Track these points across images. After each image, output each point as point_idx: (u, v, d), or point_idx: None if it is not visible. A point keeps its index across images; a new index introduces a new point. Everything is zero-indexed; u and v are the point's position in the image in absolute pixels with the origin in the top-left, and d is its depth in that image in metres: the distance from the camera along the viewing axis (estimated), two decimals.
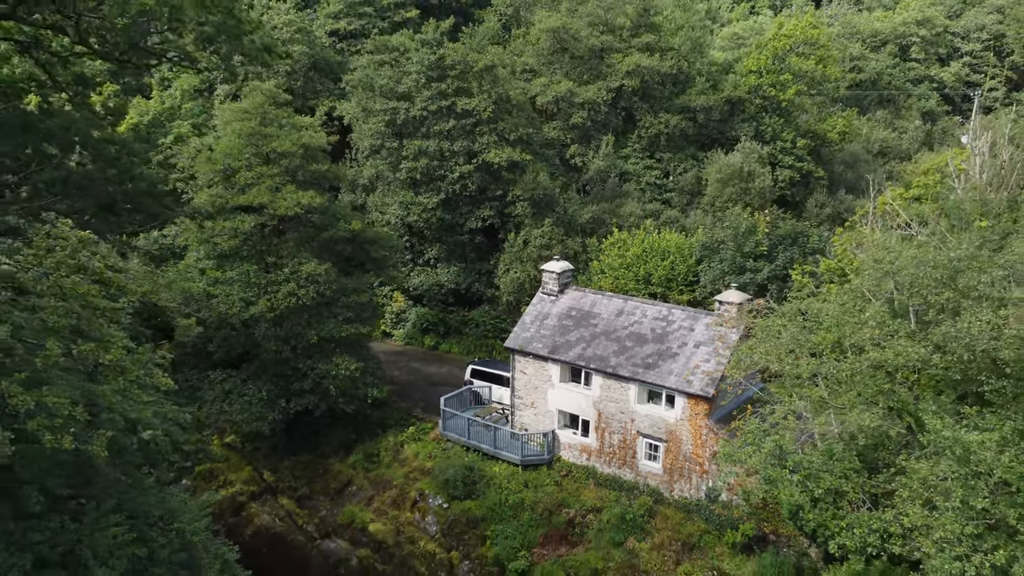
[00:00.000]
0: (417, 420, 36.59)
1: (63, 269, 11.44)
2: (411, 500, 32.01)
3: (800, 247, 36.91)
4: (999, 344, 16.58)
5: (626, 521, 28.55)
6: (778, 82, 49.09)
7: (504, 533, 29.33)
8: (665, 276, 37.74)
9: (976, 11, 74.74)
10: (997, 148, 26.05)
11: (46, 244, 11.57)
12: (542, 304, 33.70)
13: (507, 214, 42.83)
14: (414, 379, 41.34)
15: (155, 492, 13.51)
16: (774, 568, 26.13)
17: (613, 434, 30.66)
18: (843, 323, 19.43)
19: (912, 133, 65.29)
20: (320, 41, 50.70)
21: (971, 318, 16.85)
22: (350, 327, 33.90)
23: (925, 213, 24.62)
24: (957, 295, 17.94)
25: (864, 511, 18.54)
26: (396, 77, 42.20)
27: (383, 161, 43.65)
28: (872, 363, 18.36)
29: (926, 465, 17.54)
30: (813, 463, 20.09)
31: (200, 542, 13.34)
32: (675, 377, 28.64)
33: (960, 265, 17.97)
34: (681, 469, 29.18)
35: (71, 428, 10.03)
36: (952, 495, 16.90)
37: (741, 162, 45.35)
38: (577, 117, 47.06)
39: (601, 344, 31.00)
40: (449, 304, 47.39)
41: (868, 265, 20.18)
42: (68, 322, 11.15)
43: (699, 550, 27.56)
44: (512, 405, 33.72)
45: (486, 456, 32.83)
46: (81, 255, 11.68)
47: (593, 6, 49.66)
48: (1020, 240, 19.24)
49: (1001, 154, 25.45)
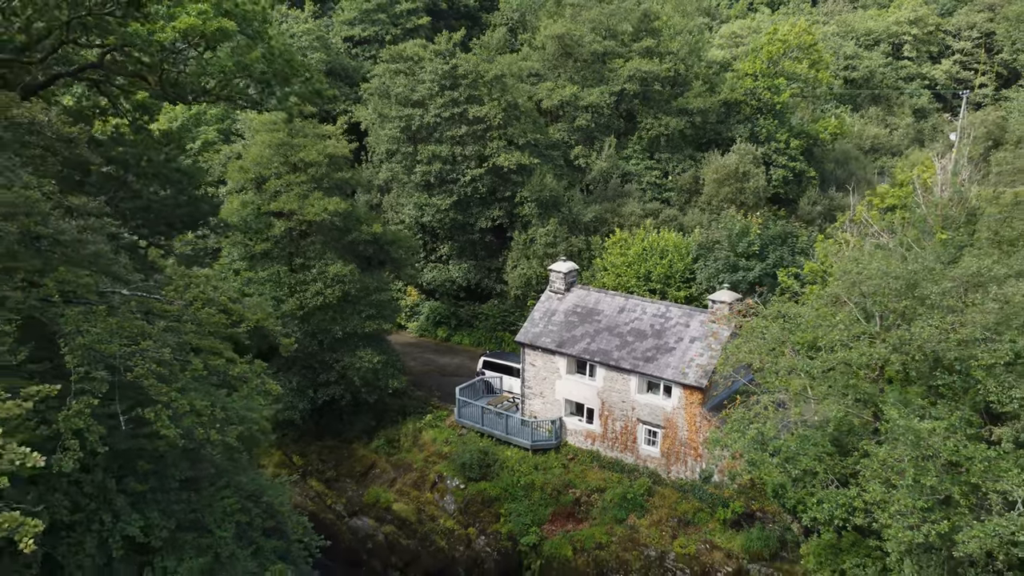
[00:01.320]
0: (434, 408, 39.48)
1: (198, 302, 14.27)
2: (430, 481, 34.97)
3: (789, 247, 39.63)
4: (945, 346, 19.36)
5: (627, 500, 31.50)
6: (772, 85, 51.59)
7: (516, 511, 32.29)
8: (664, 274, 40.48)
9: (968, 9, 76.89)
10: (958, 167, 28.69)
11: (184, 282, 14.41)
12: (549, 301, 36.50)
13: (515, 214, 45.54)
14: (429, 369, 44.20)
15: (249, 473, 16.39)
16: (760, 541, 29.10)
17: (615, 421, 33.55)
18: (817, 325, 22.23)
19: (903, 130, 67.79)
20: (336, 47, 53.15)
21: (923, 324, 19.62)
22: (372, 323, 36.73)
23: (895, 224, 27.25)
24: (914, 303, 20.69)
25: (833, 489, 21.40)
26: (411, 85, 44.74)
27: (398, 164, 46.30)
28: (841, 361, 21.16)
29: (885, 449, 20.35)
30: (791, 447, 22.96)
31: (284, 512, 16.29)
32: (672, 370, 31.49)
33: (917, 277, 20.71)
34: (677, 453, 32.09)
35: (215, 424, 12.92)
36: (906, 475, 19.72)
37: (736, 163, 47.96)
38: (581, 120, 49.60)
39: (604, 339, 33.82)
40: (460, 298, 50.15)
41: (839, 274, 22.94)
42: (205, 343, 14.01)
43: (693, 526, 30.49)
44: (522, 394, 36.59)
45: (499, 441, 35.74)
46: (208, 289, 14.50)
47: (596, 12, 52.05)
48: (971, 255, 21.92)
49: (961, 172, 28.10)
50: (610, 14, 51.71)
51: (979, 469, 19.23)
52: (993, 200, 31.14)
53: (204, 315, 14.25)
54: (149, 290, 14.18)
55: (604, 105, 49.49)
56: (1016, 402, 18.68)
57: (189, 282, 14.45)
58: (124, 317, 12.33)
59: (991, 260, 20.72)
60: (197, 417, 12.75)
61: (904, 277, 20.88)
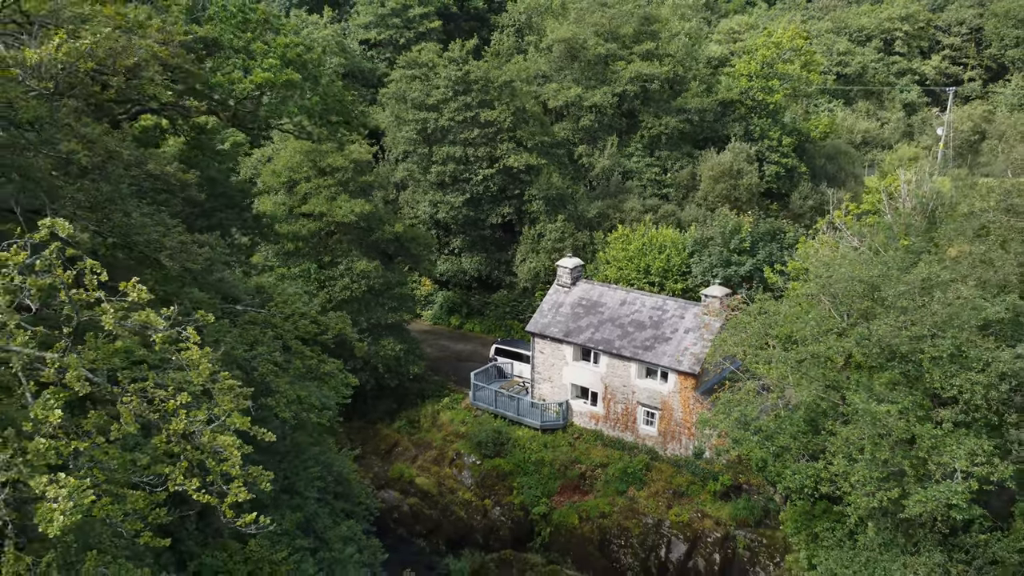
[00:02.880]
0: (450, 391, 42.99)
1: (296, 315, 17.65)
2: (449, 458, 38.56)
3: (778, 243, 42.90)
4: (899, 341, 22.71)
5: (628, 474, 35.07)
6: (766, 86, 54.56)
7: (528, 484, 35.89)
8: (662, 267, 43.78)
9: (958, 4, 79.50)
10: (921, 180, 31.86)
11: (283, 299, 17.79)
12: (557, 294, 39.89)
13: (524, 211, 48.80)
14: (444, 355, 47.67)
15: (322, 446, 19.87)
16: (746, 510, 32.71)
17: (617, 404, 37.04)
18: (792, 322, 25.60)
19: (893, 124, 70.76)
20: (353, 50, 56.15)
21: (880, 322, 22.98)
22: (394, 315, 40.20)
23: (864, 231, 30.46)
24: (874, 303, 24.03)
25: (803, 462, 24.89)
26: (426, 90, 47.81)
27: (414, 164, 49.51)
28: (811, 353, 24.55)
29: (848, 429, 23.80)
30: (770, 427, 26.46)
31: (351, 479, 19.77)
32: (668, 358, 34.93)
33: (877, 281, 24.02)
34: (673, 432, 35.61)
35: (314, 410, 16.37)
36: (865, 450, 23.18)
37: (731, 161, 51.05)
38: (585, 119, 52.66)
39: (607, 329, 37.24)
40: (471, 288, 53.52)
41: (813, 276, 26.28)
42: (301, 348, 17.39)
43: (687, 497, 34.08)
44: (532, 379, 40.08)
45: (511, 422, 39.28)
46: (300, 304, 17.90)
47: (599, 16, 54.90)
48: (927, 262, 25.19)
49: (923, 186, 31.26)
50: (612, 17, 54.54)
51: (927, 445, 22.71)
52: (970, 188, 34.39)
53: (301, 325, 17.70)
54: (257, 306, 17.54)
55: (607, 105, 52.43)
56: (956, 388, 22.07)
57: (286, 299, 17.85)
58: (244, 328, 15.67)
59: (940, 267, 24.03)
60: (300, 404, 16.14)
61: (867, 281, 24.23)
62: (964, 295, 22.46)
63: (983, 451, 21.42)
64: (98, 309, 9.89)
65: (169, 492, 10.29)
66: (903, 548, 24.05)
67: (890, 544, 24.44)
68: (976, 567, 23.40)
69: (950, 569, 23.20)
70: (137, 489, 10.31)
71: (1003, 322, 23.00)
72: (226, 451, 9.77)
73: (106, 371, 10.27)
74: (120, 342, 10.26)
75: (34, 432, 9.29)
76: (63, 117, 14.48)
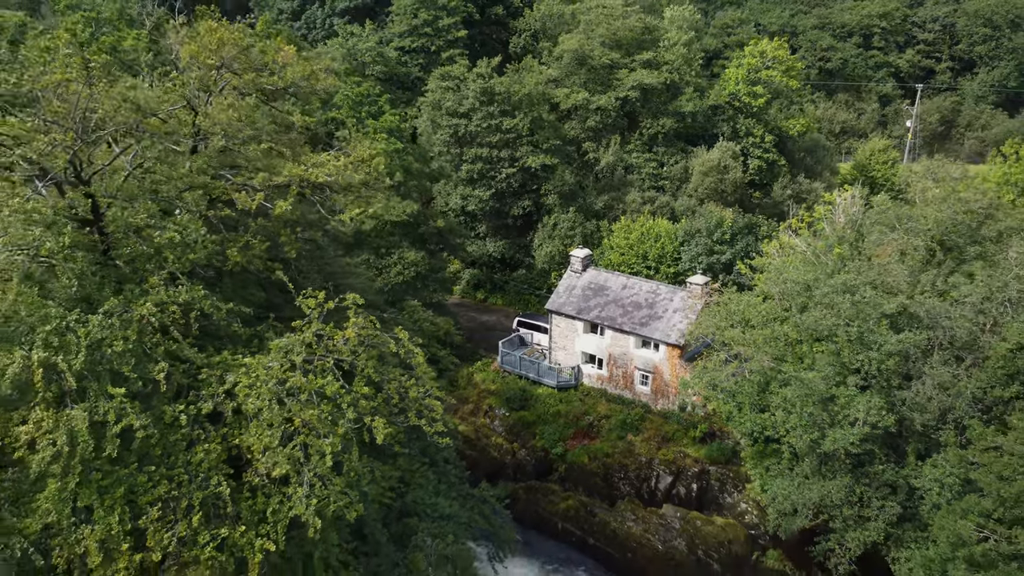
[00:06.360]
0: (481, 357, 52.23)
1: (420, 319, 26.47)
2: (483, 411, 47.96)
3: (754, 235, 51.67)
4: (823, 327, 31.71)
5: (626, 424, 44.49)
6: (751, 91, 62.59)
7: (548, 432, 45.33)
8: (658, 254, 52.63)
9: (933, 1, 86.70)
10: (853, 201, 40.37)
11: (410, 308, 26.59)
12: (570, 279, 48.84)
13: (541, 203, 57.45)
14: (473, 326, 56.82)
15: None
16: (718, 451, 42.15)
17: (618, 368, 46.27)
18: (748, 310, 34.65)
19: (869, 115, 78.77)
20: (390, 57, 64.17)
21: (809, 314, 31.97)
22: (437, 295, 49.20)
23: (809, 240, 39.09)
24: (809, 300, 33.04)
25: (754, 414, 34.14)
26: (457, 100, 56.08)
27: (447, 163, 58.01)
28: (760, 335, 33.62)
29: (786, 390, 32.96)
30: (733, 387, 35.67)
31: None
32: (660, 332, 44.02)
33: (811, 283, 32.97)
34: (662, 391, 44.91)
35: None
36: (796, 405, 32.35)
37: (719, 158, 59.41)
38: (591, 120, 60.89)
39: (611, 308, 46.27)
40: (495, 267, 62.47)
41: (767, 276, 35.25)
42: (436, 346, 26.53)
43: (673, 441, 43.49)
44: (549, 347, 49.26)
45: (532, 382, 48.58)
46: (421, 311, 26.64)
47: (604, 29, 62.67)
48: (849, 269, 34.06)
49: (852, 207, 39.86)
50: (615, 30, 62.32)
51: (842, 402, 31.88)
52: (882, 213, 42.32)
53: (426, 327, 26.54)
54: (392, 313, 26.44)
55: (611, 108, 60.58)
56: (858, 362, 31.13)
57: (414, 308, 26.74)
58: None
59: (855, 274, 32.93)
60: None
61: (803, 283, 33.20)
62: (868, 296, 31.37)
63: (876, 407, 30.55)
64: (382, 338, 18.99)
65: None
66: (823, 475, 33.42)
67: (815, 472, 33.82)
68: (874, 487, 32.77)
69: (855, 489, 32.56)
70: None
71: (895, 315, 31.96)
72: (435, 410, 19.08)
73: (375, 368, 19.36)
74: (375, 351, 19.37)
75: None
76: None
